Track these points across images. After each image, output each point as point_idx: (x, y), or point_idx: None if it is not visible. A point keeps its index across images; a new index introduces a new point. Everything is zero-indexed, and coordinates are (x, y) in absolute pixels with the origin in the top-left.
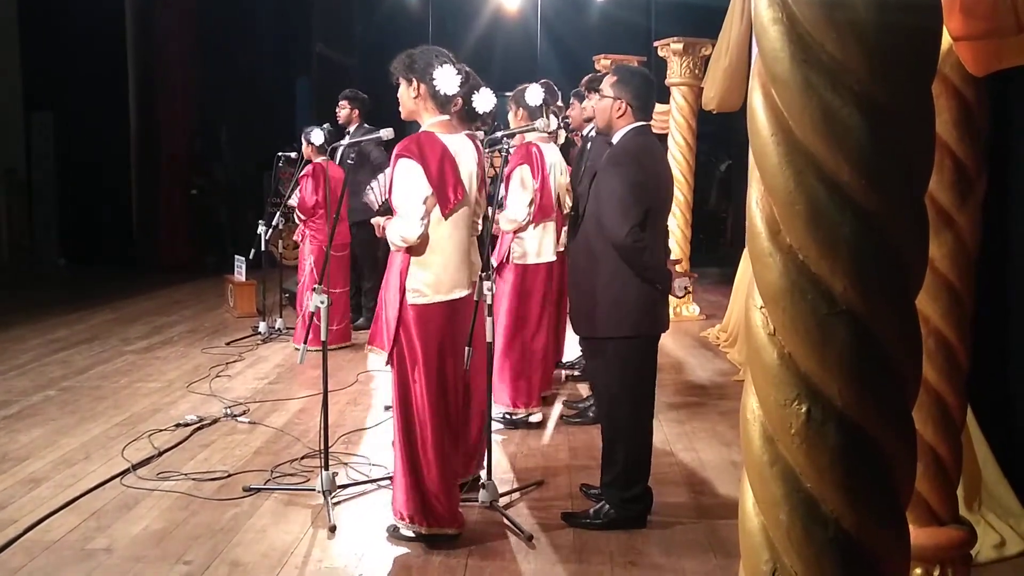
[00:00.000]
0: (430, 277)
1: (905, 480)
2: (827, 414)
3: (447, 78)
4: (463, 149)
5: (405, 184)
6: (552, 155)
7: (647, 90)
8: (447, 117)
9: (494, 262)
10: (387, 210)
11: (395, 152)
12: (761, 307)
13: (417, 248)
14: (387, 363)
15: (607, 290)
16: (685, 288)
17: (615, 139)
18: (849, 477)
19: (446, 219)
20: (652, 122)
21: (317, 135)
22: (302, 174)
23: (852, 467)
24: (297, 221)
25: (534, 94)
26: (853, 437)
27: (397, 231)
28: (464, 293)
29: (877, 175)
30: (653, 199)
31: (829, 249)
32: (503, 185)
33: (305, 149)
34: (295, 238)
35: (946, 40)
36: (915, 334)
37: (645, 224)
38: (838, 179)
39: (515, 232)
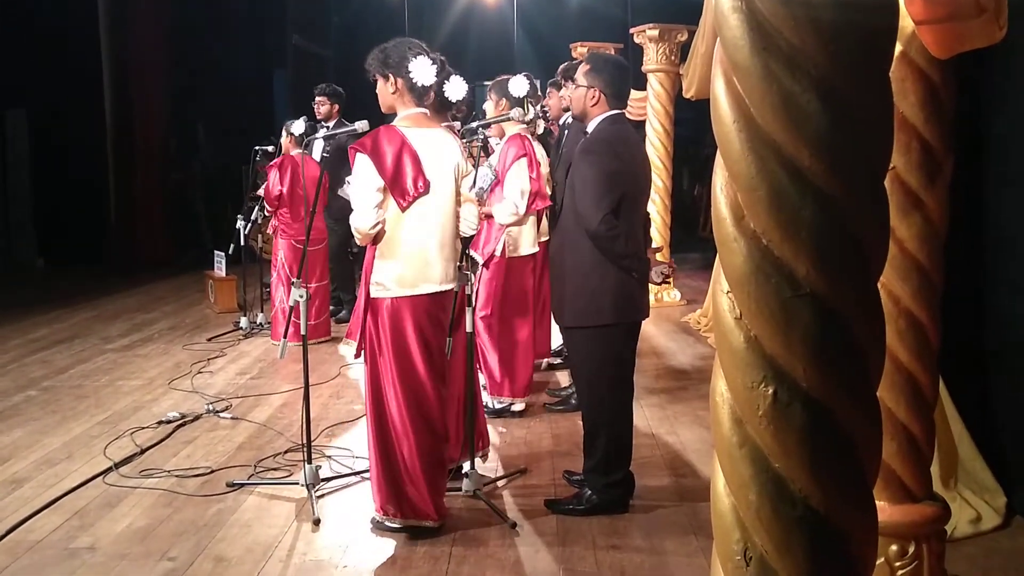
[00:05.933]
0: (393, 271)
1: (871, 458)
2: (793, 395)
3: (423, 69)
4: (439, 142)
5: (357, 177)
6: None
7: (621, 77)
8: (423, 110)
9: (479, 257)
10: None
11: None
12: (728, 292)
13: (375, 238)
14: (356, 355)
15: (586, 279)
16: (663, 275)
17: (590, 128)
18: (816, 456)
19: (404, 212)
20: (628, 109)
21: (298, 125)
22: (269, 164)
23: (818, 446)
24: (267, 213)
25: (519, 85)
26: (819, 417)
27: (353, 223)
28: (438, 288)
29: (837, 159)
30: (628, 186)
31: (791, 233)
32: (495, 183)
33: (284, 141)
34: (269, 231)
35: (910, 24)
36: (878, 314)
37: (619, 212)
38: (799, 164)
39: (511, 225)
